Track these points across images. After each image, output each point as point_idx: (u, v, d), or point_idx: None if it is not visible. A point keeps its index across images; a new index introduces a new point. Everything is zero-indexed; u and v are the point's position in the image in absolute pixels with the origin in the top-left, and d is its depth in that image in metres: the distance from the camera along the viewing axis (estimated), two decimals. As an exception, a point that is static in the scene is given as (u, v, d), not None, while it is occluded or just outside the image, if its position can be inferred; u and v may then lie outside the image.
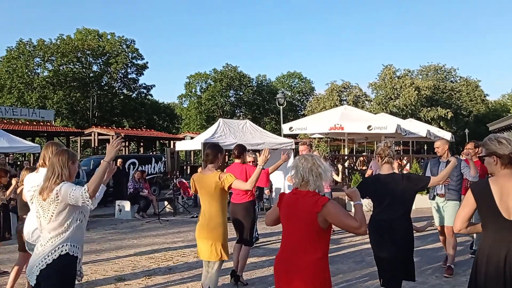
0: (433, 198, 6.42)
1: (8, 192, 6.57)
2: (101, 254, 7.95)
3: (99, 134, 25.10)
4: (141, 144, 31.29)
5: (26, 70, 39.52)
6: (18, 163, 19.63)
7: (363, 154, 23.35)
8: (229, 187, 4.40)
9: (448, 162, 5.82)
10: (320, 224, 2.75)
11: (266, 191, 12.71)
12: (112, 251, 8.15)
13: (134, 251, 8.08)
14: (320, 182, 2.84)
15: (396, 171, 4.32)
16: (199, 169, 6.50)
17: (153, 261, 7.30)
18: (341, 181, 12.94)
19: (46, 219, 3.17)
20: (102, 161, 3.31)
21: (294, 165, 2.91)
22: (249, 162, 6.95)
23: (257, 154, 6.85)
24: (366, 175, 9.18)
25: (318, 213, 2.72)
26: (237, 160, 6.16)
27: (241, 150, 6.18)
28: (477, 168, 6.09)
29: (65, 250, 3.15)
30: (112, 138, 3.50)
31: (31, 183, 4.17)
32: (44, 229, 3.21)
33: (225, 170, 6.43)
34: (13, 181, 6.56)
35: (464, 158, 6.29)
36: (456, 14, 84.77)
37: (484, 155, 2.78)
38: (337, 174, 10.54)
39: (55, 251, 3.13)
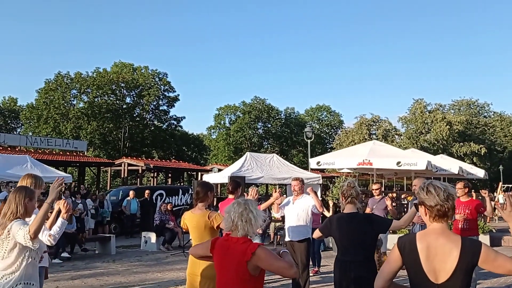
0: None
1: None
2: (125, 287, 7.95)
3: (129, 164, 25.56)
4: (169, 175, 31.64)
5: (63, 101, 41.02)
6: (46, 191, 20.08)
7: (392, 191, 22.84)
8: (218, 227, 4.39)
9: None
10: (251, 272, 2.71)
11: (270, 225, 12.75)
12: (136, 285, 8.15)
13: (158, 284, 8.05)
14: (249, 228, 2.78)
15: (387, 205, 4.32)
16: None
17: (176, 297, 7.24)
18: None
19: (0, 256, 3.19)
20: (44, 203, 3.33)
21: (227, 210, 2.88)
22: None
23: (245, 194, 6.88)
24: None
25: (248, 261, 2.68)
26: (230, 196, 6.09)
27: (235, 185, 6.12)
28: (467, 208, 6.20)
29: None
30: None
31: None
32: None
33: (219, 204, 6.51)
34: None
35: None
36: (489, 48, 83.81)
37: (418, 204, 2.43)
38: (328, 210, 10.43)
39: None
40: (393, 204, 12.71)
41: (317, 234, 4.37)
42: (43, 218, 3.20)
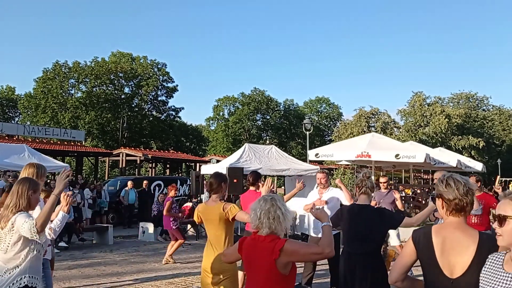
0: None
1: None
2: (122, 276, 7.95)
3: (127, 155, 25.49)
4: (168, 165, 31.60)
5: (61, 91, 40.84)
6: (48, 181, 20.07)
7: (391, 183, 22.87)
8: (233, 219, 4.28)
9: None
10: (281, 271, 2.60)
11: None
12: (133, 274, 8.14)
13: (155, 275, 8.05)
14: (278, 225, 2.66)
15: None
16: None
17: (173, 287, 7.24)
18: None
19: (3, 249, 3.11)
20: (51, 194, 3.25)
21: (253, 207, 2.76)
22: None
23: (261, 185, 6.80)
24: None
25: (276, 260, 2.57)
26: (251, 188, 6.08)
27: (255, 177, 6.11)
28: (481, 202, 5.88)
29: (24, 283, 3.10)
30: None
31: None
32: (1, 259, 3.14)
33: (239, 197, 6.38)
34: None
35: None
36: (489, 41, 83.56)
37: (435, 196, 2.37)
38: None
39: (13, 284, 3.07)
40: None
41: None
42: (50, 210, 3.13)
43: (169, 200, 10.03)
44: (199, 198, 15.22)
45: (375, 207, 4.93)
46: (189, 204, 14.28)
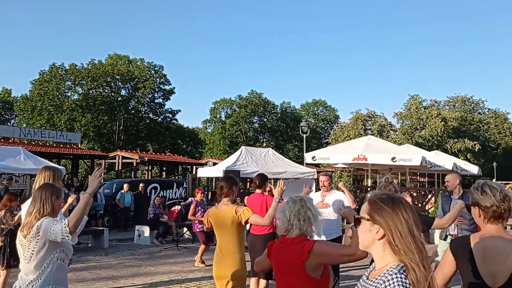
0: (445, 239, 5.85)
1: (16, 218, 6.32)
2: (117, 280, 7.91)
3: (123, 157, 25.45)
4: (164, 168, 31.55)
5: (57, 93, 40.76)
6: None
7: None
8: (246, 222, 4.18)
9: (460, 199, 5.49)
10: (311, 275, 2.50)
11: None
12: (128, 278, 8.10)
13: (151, 280, 8.00)
14: (308, 226, 2.60)
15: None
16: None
17: (169, 291, 7.20)
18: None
19: (26, 258, 2.94)
20: (84, 193, 3.14)
21: (281, 208, 2.69)
22: (268, 191, 6.85)
23: (272, 186, 6.67)
24: None
25: (305, 261, 2.48)
26: (258, 190, 6.00)
27: (262, 180, 6.02)
28: None
29: None
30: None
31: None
32: (23, 270, 2.98)
33: (245, 199, 6.28)
34: (22, 206, 6.41)
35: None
36: (485, 45, 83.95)
37: (470, 205, 2.33)
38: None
39: None
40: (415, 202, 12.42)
41: (350, 233, 4.16)
42: (83, 209, 2.97)
43: (194, 203, 9.99)
44: (188, 201, 15.23)
45: None
46: (177, 207, 14.22)
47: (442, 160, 18.89)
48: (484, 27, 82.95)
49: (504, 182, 30.79)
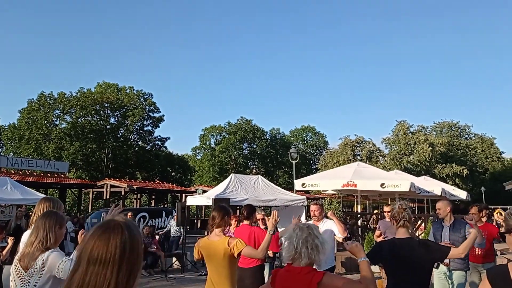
0: (437, 267, 5.74)
1: (4, 252, 6.08)
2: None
3: (111, 186, 25.21)
4: (153, 196, 31.27)
5: (45, 122, 40.56)
6: (30, 214, 19.69)
7: (375, 212, 22.94)
8: (239, 254, 4.03)
9: (451, 226, 5.64)
10: None
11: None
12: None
13: (138, 312, 7.81)
14: (316, 255, 2.54)
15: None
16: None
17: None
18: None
19: None
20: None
21: (288, 236, 2.63)
22: (259, 219, 6.76)
23: (266, 218, 6.56)
24: (375, 236, 8.51)
25: None
26: (245, 222, 5.81)
27: (250, 211, 5.86)
28: (484, 233, 5.67)
29: None
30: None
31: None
32: None
33: (233, 231, 6.16)
34: (9, 241, 6.13)
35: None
36: (469, 71, 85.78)
37: (505, 232, 2.30)
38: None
39: None
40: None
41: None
42: None
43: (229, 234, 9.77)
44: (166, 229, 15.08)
45: (419, 239, 4.60)
46: (156, 237, 14.07)
47: (430, 185, 19.01)
48: (468, 53, 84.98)
49: (493, 207, 31.01)
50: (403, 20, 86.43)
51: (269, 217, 4.49)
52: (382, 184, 14.86)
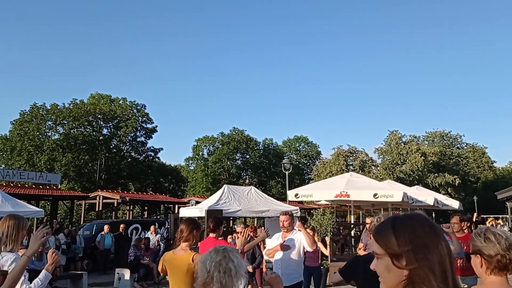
0: None
1: None
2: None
3: (104, 197, 25.05)
4: (146, 207, 31.10)
5: (38, 133, 40.36)
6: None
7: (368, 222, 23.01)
8: None
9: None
10: None
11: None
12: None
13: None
14: (228, 279, 2.35)
15: None
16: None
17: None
18: (329, 255, 11.50)
19: None
20: (22, 255, 2.89)
21: (202, 259, 2.47)
22: (239, 232, 6.67)
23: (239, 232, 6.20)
24: (358, 249, 8.14)
25: None
26: (211, 235, 5.34)
27: (216, 223, 5.39)
28: (463, 244, 5.62)
29: None
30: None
31: None
32: None
33: (199, 244, 6.01)
34: None
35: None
36: (460, 81, 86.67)
37: (471, 253, 2.12)
38: (325, 247, 10.00)
39: None
40: None
41: (336, 278, 3.65)
42: (19, 274, 2.75)
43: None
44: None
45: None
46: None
47: (423, 195, 19.11)
48: (458, 62, 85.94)
49: (485, 216, 31.18)
50: (394, 33, 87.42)
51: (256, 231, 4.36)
52: (375, 195, 14.92)
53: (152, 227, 15.87)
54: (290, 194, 16.26)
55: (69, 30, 77.82)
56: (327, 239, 11.90)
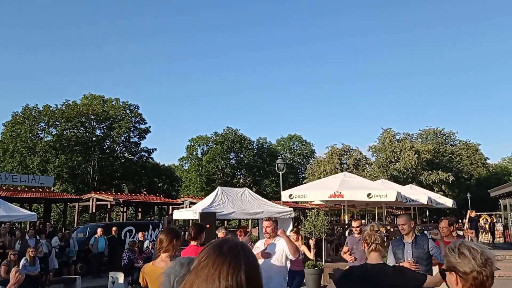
0: None
1: None
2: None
3: (97, 199, 24.92)
4: (140, 209, 30.99)
5: (30, 135, 40.05)
6: (14, 228, 19.33)
7: (362, 221, 23.06)
8: None
9: (413, 242, 5.29)
10: None
11: None
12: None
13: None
14: None
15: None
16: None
17: None
18: (313, 258, 11.16)
19: None
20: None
21: (167, 272, 2.33)
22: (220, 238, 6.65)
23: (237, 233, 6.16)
24: (342, 253, 7.82)
25: None
26: (193, 243, 5.13)
27: (198, 230, 5.22)
28: None
29: None
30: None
31: None
32: None
33: (180, 253, 5.90)
34: None
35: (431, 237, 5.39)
36: (453, 79, 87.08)
37: (445, 270, 1.98)
38: (309, 250, 9.85)
39: None
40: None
41: None
42: None
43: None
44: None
45: (393, 265, 4.24)
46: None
47: (417, 194, 19.16)
48: (451, 59, 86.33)
49: (478, 213, 31.35)
50: (386, 32, 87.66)
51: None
52: (368, 195, 14.94)
53: (140, 234, 15.72)
54: (284, 195, 16.23)
55: (61, 31, 77.38)
56: (311, 242, 11.70)
